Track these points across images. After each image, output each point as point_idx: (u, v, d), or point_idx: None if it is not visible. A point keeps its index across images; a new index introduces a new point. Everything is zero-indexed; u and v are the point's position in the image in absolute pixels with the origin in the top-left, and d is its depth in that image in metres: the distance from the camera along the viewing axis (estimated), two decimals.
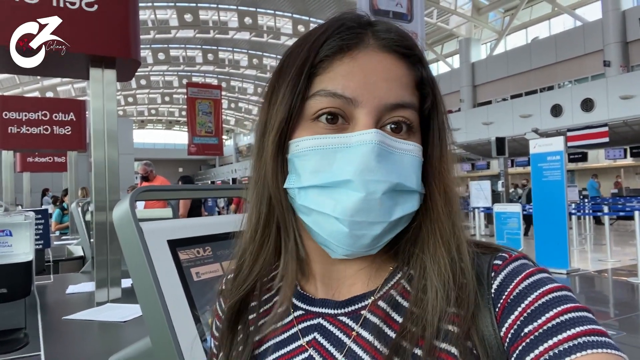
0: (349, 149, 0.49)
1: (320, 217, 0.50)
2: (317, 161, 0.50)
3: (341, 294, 0.55)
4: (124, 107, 40.65)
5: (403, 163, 0.50)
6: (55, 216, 7.00)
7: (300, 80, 0.50)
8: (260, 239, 0.57)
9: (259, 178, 0.55)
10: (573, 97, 16.60)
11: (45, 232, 2.68)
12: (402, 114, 0.50)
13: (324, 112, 0.50)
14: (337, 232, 0.49)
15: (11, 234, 1.24)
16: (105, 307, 2.05)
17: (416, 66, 0.53)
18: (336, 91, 0.49)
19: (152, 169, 6.17)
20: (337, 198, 0.48)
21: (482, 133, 18.89)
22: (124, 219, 1.11)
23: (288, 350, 0.55)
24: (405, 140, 0.51)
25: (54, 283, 2.69)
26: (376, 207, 0.48)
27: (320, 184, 0.49)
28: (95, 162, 2.36)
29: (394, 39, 0.52)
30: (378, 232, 0.49)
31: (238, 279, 0.59)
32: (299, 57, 0.51)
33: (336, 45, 0.50)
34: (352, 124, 0.50)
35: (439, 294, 0.48)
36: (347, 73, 0.50)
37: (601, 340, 0.41)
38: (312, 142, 0.50)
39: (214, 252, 1.26)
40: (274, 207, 0.55)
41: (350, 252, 0.51)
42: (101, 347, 1.58)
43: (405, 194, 0.50)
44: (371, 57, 0.51)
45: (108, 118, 2.38)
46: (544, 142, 8.05)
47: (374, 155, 0.47)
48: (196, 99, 13.43)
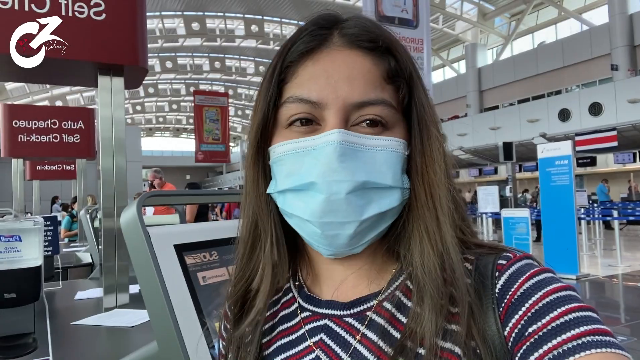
0: (314, 151, 0.49)
1: (298, 220, 0.52)
2: (290, 165, 0.51)
3: (346, 295, 0.55)
4: (132, 115, 40.98)
5: (375, 160, 0.49)
6: (65, 224, 7.05)
7: (270, 87, 0.52)
8: (251, 242, 0.58)
9: (245, 185, 0.58)
10: (581, 101, 16.50)
11: (54, 239, 2.70)
12: (371, 112, 0.50)
13: (295, 118, 0.51)
14: (313, 233, 0.51)
15: (20, 239, 1.25)
16: (113, 313, 2.06)
17: (384, 57, 0.51)
18: (302, 96, 0.50)
19: (161, 176, 6.21)
20: (306, 200, 0.50)
21: (489, 138, 18.81)
22: (131, 224, 1.12)
23: (296, 351, 0.55)
24: (377, 136, 0.50)
25: (62, 289, 2.71)
26: (343, 207, 0.48)
27: (292, 187, 0.51)
28: (104, 169, 2.38)
29: (355, 34, 0.51)
30: (351, 231, 0.49)
31: (235, 280, 0.60)
32: (271, 64, 0.53)
33: (299, 50, 0.51)
34: (322, 125, 0.50)
35: (432, 293, 0.48)
36: (310, 77, 0.51)
37: (605, 340, 0.41)
38: (285, 147, 0.51)
39: (220, 257, 1.27)
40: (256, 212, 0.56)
41: (334, 252, 0.52)
42: (109, 352, 1.58)
43: (380, 191, 0.50)
44: (334, 57, 0.51)
45: (116, 126, 2.40)
46: (551, 146, 8.00)
47: (336, 155, 0.47)
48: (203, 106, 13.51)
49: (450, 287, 0.48)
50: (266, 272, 0.56)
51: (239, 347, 0.58)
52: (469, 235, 0.53)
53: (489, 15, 25.12)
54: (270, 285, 0.56)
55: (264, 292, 0.56)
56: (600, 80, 19.56)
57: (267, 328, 0.59)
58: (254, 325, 0.57)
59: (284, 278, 0.59)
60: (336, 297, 0.56)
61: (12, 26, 2.05)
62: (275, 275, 0.57)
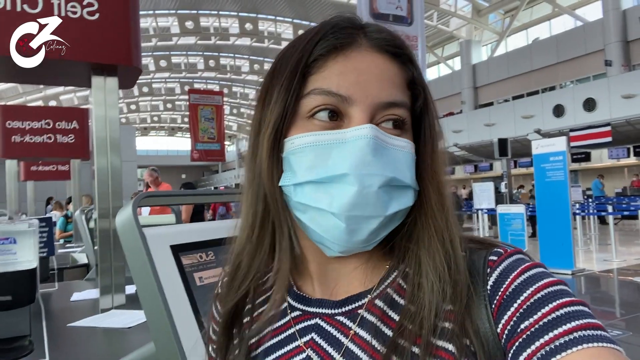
0: (344, 144, 0.49)
1: (317, 213, 0.50)
2: (313, 157, 0.50)
3: (338, 294, 0.55)
4: (127, 115, 40.80)
5: (397, 159, 0.50)
6: (60, 224, 7.01)
7: (294, 79, 0.51)
8: (257, 238, 0.56)
9: (254, 177, 0.55)
10: (575, 97, 16.57)
11: (49, 240, 2.69)
12: (395, 112, 0.51)
13: (320, 108, 0.51)
14: (334, 228, 0.49)
15: (16, 241, 1.24)
16: (110, 314, 2.05)
17: (407, 66, 0.54)
18: (331, 89, 0.50)
19: (158, 175, 6.18)
20: (333, 193, 0.49)
21: (484, 134, 18.87)
22: (127, 224, 1.11)
23: (286, 351, 0.55)
24: (398, 137, 0.52)
25: (58, 290, 2.70)
26: (372, 201, 0.48)
27: (316, 180, 0.50)
28: (99, 169, 2.37)
29: (385, 39, 0.53)
30: (374, 226, 0.49)
31: (235, 282, 0.59)
32: (293, 57, 0.52)
33: (330, 44, 0.51)
34: (346, 121, 0.51)
35: (434, 288, 0.48)
36: (340, 72, 0.51)
37: (596, 334, 0.41)
38: (308, 138, 0.50)
39: (216, 257, 1.27)
40: (269, 206, 0.55)
41: (346, 249, 0.51)
42: (106, 354, 1.58)
43: (400, 189, 0.51)
44: (364, 57, 0.51)
45: (110, 125, 2.39)
46: (546, 142, 8.03)
47: (370, 149, 0.48)
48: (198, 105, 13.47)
49: (450, 286, 0.48)
50: (282, 268, 0.55)
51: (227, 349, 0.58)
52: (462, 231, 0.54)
53: (483, 12, 25.15)
54: (287, 283, 0.56)
55: (281, 290, 0.55)
56: (594, 75, 19.65)
57: (255, 328, 0.58)
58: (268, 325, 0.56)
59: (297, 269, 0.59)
60: (328, 296, 0.56)
61: (4, 27, 2.04)
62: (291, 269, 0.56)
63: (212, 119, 13.55)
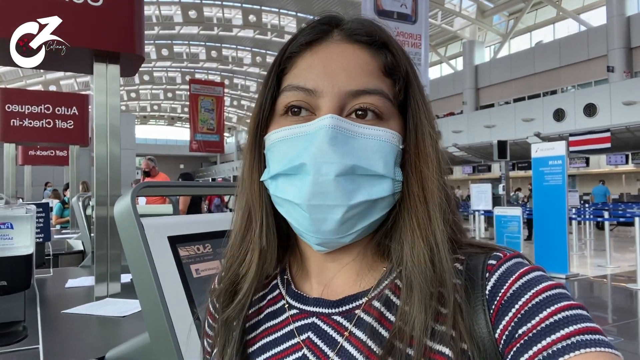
0: (307, 135, 0.50)
1: (288, 205, 0.52)
2: (283, 151, 0.52)
3: (335, 293, 0.55)
4: (127, 102, 40.67)
5: (367, 147, 0.50)
6: (56, 210, 7.00)
7: (269, 77, 0.54)
8: (243, 232, 0.58)
9: (241, 175, 0.58)
10: (576, 102, 16.57)
11: (45, 226, 2.68)
12: (367, 100, 0.51)
13: (290, 105, 0.52)
14: (302, 219, 0.51)
15: (12, 226, 1.24)
16: (105, 302, 2.05)
17: (381, 52, 0.53)
18: (299, 84, 0.52)
19: (154, 165, 6.17)
20: (296, 184, 0.50)
21: (484, 136, 18.87)
22: (124, 214, 1.11)
23: (282, 348, 0.55)
24: (372, 126, 0.51)
25: (53, 277, 2.69)
26: (331, 190, 0.48)
27: (283, 171, 0.52)
28: (97, 156, 2.36)
29: (353, 29, 0.53)
30: (339, 215, 0.49)
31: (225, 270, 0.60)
32: (275, 58, 0.55)
33: (300, 42, 0.53)
34: (317, 113, 0.52)
35: (422, 287, 0.47)
36: (307, 66, 0.52)
37: (595, 339, 0.41)
38: (279, 134, 0.53)
39: (214, 249, 1.27)
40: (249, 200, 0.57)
41: (321, 240, 0.51)
42: (99, 342, 1.58)
43: (371, 179, 0.50)
44: (332, 49, 0.52)
45: (111, 113, 2.38)
46: (545, 146, 8.04)
47: (327, 138, 0.48)
48: (199, 95, 13.44)
49: (438, 284, 0.48)
50: (253, 257, 0.56)
51: (225, 335, 0.58)
52: (459, 234, 0.53)
53: (487, 13, 25.11)
54: (256, 270, 0.56)
55: (250, 276, 0.56)
56: (595, 81, 19.66)
57: (252, 324, 0.58)
58: (239, 309, 0.57)
59: (271, 266, 0.59)
60: (325, 295, 0.56)
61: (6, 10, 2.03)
62: (262, 261, 0.57)
63: (212, 110, 13.53)
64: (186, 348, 0.99)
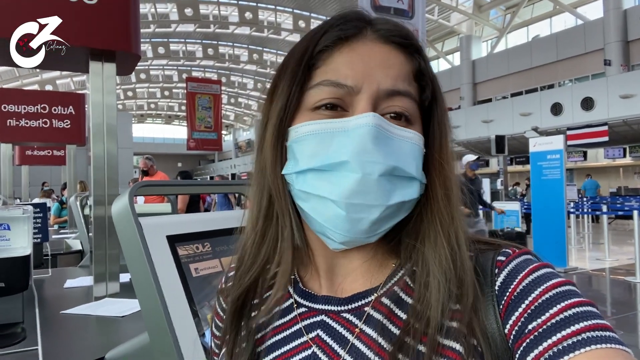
0: (346, 132, 0.49)
1: (318, 201, 0.50)
2: (315, 145, 0.50)
3: (344, 291, 0.55)
4: (124, 101, 40.57)
5: (402, 149, 0.50)
6: (54, 210, 6.99)
7: (299, 70, 0.52)
8: (262, 229, 0.56)
9: (260, 169, 0.56)
10: (573, 95, 16.59)
11: (43, 226, 2.67)
12: (399, 103, 0.51)
13: (324, 102, 0.51)
14: (335, 216, 0.49)
15: (9, 227, 1.23)
16: (104, 302, 2.05)
17: (414, 56, 0.53)
18: (339, 81, 0.50)
19: (152, 164, 6.16)
20: (334, 181, 0.49)
21: (482, 131, 18.88)
22: (122, 214, 1.10)
23: (292, 347, 0.55)
24: (404, 128, 0.51)
25: (52, 277, 2.69)
26: (374, 189, 0.48)
27: (317, 167, 0.50)
28: (95, 155, 2.35)
29: (390, 30, 0.53)
30: (376, 216, 0.49)
31: (240, 272, 0.58)
32: (299, 49, 0.53)
33: (335, 35, 0.52)
34: (351, 110, 0.51)
35: (441, 286, 0.47)
36: (347, 62, 0.51)
37: (604, 335, 0.41)
38: (311, 127, 0.51)
39: (213, 248, 1.26)
40: (273, 197, 0.55)
41: (348, 239, 0.50)
42: (99, 342, 1.57)
43: (405, 180, 0.50)
44: (370, 47, 0.52)
45: (107, 112, 2.37)
46: (543, 140, 8.06)
47: (371, 137, 0.48)
48: (196, 93, 13.41)
49: (456, 284, 0.48)
50: (284, 258, 0.55)
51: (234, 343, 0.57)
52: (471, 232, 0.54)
53: (484, 7, 25.07)
54: (290, 272, 0.55)
55: (284, 279, 0.55)
56: (593, 75, 19.68)
57: (261, 324, 0.58)
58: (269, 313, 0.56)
59: (304, 265, 0.58)
60: (334, 293, 0.56)
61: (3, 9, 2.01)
62: (294, 261, 0.56)
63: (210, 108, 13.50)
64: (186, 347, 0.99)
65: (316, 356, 0.52)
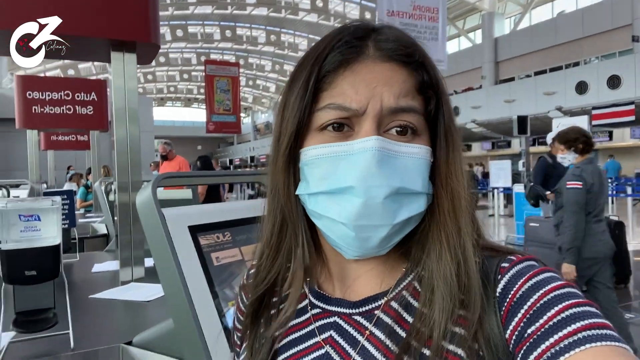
0: (351, 156, 0.51)
1: (329, 221, 0.53)
2: (323, 169, 0.53)
3: (356, 294, 0.57)
4: (144, 85, 40.92)
5: (407, 166, 0.52)
6: (80, 194, 7.18)
7: (306, 95, 0.53)
8: (276, 244, 0.60)
9: (273, 187, 0.58)
10: (599, 73, 16.09)
11: (70, 212, 2.76)
12: (405, 118, 0.52)
13: (331, 122, 0.53)
14: (345, 236, 0.52)
15: (40, 218, 1.28)
16: (130, 287, 2.12)
17: (418, 71, 0.54)
18: (344, 105, 0.52)
19: (171, 149, 6.25)
20: (342, 204, 0.51)
21: (503, 111, 18.52)
22: (146, 206, 1.14)
23: (306, 346, 0.57)
24: (409, 144, 0.52)
25: (80, 261, 2.78)
26: (379, 211, 0.50)
27: (326, 190, 0.52)
28: (118, 140, 2.40)
29: (392, 49, 0.53)
30: (384, 234, 0.51)
31: (257, 279, 0.62)
32: (305, 72, 0.54)
33: (337, 60, 0.53)
34: (356, 130, 0.52)
35: (445, 298, 0.49)
36: (350, 86, 0.52)
37: (601, 334, 0.42)
38: (319, 150, 0.53)
39: (233, 237, 1.29)
40: (285, 215, 0.58)
41: (360, 254, 0.53)
42: (126, 326, 1.64)
43: (411, 196, 0.52)
44: (372, 68, 0.53)
45: (129, 97, 2.41)
46: (567, 121, 7.89)
47: (375, 161, 0.49)
48: (214, 76, 13.41)
49: (462, 293, 0.49)
50: (297, 276, 0.58)
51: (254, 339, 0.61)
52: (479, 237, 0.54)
53: None
54: (300, 290, 0.59)
55: (294, 298, 0.58)
56: (620, 52, 19.02)
57: (275, 325, 0.60)
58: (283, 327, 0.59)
59: (314, 279, 0.61)
60: (347, 296, 0.58)
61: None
62: (307, 276, 0.60)
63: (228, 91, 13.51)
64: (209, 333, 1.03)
65: (329, 356, 0.55)
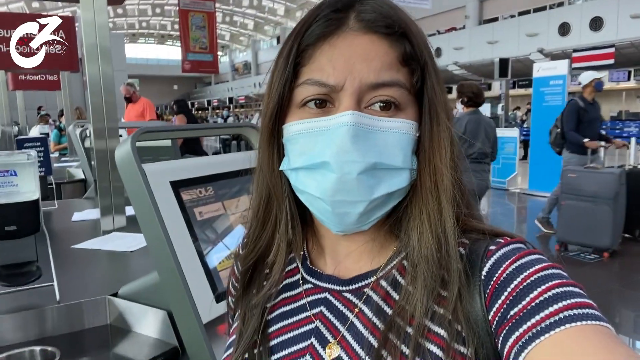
0: (328, 131, 0.51)
1: (309, 197, 0.54)
2: (303, 144, 0.53)
3: (348, 271, 0.59)
4: (114, 19, 38.81)
5: (386, 141, 0.51)
6: (53, 137, 6.98)
7: (286, 70, 0.53)
8: (263, 217, 0.61)
9: (259, 162, 0.59)
10: (582, 15, 15.93)
11: (46, 160, 2.70)
12: (386, 93, 0.51)
13: (309, 99, 0.52)
14: (324, 211, 0.53)
15: (16, 173, 1.25)
16: (112, 236, 2.11)
17: (400, 41, 0.52)
18: (321, 80, 0.51)
19: (135, 90, 6.08)
20: (318, 179, 0.51)
21: (485, 53, 18.34)
22: (126, 162, 1.12)
23: (296, 319, 0.59)
24: (390, 118, 0.51)
25: (58, 210, 2.73)
26: (354, 187, 0.50)
27: (305, 166, 0.52)
28: (90, 79, 2.30)
29: (371, 20, 0.52)
30: (361, 210, 0.51)
31: (246, 251, 0.63)
32: (287, 45, 0.53)
33: (316, 34, 0.52)
34: (336, 106, 0.52)
35: (426, 276, 0.50)
36: (328, 61, 0.51)
37: (583, 313, 0.42)
38: (298, 126, 0.53)
39: (215, 192, 1.29)
40: (270, 191, 0.59)
41: (342, 229, 0.54)
42: (111, 278, 1.65)
43: (390, 172, 0.51)
44: (350, 41, 0.51)
45: (100, 32, 2.29)
46: (548, 65, 7.88)
47: (349, 136, 0.49)
48: (189, 11, 12.76)
49: (443, 270, 0.50)
50: (281, 248, 0.60)
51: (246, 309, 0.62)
52: (472, 220, 0.55)
53: None
54: (285, 261, 0.60)
55: (279, 267, 0.60)
56: None
57: (271, 293, 0.62)
58: (267, 296, 0.61)
59: (298, 251, 0.62)
60: (337, 272, 0.59)
61: None
62: (290, 250, 0.61)
63: (204, 27, 12.93)
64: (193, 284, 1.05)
65: (318, 330, 0.57)
